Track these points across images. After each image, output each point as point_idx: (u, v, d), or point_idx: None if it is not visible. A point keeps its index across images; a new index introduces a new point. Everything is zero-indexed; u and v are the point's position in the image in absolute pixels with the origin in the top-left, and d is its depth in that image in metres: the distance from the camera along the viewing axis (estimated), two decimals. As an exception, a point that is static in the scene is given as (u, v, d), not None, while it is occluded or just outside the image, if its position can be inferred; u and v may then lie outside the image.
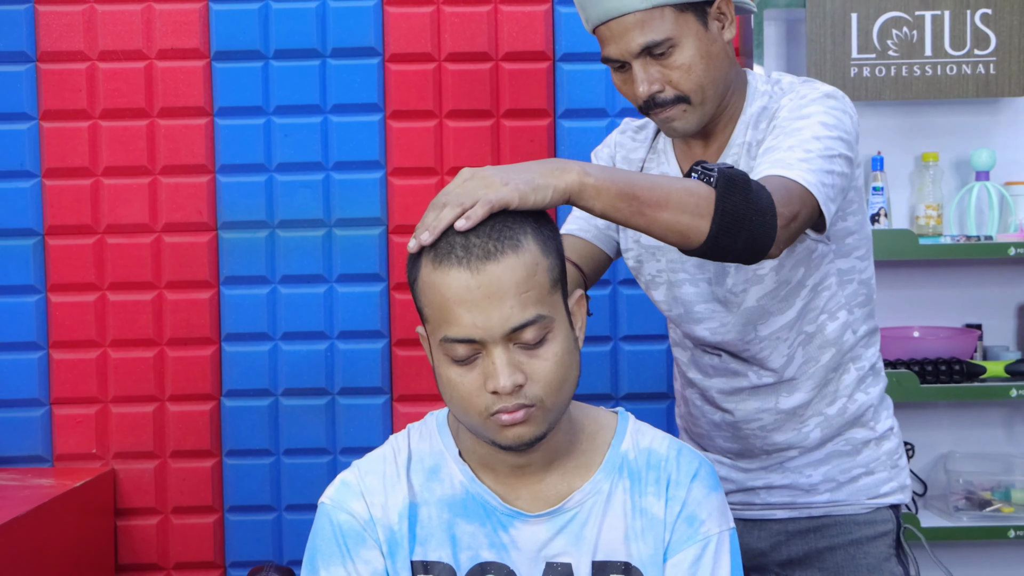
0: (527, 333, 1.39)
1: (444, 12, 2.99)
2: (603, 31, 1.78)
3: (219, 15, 2.98)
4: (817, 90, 1.80)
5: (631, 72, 1.79)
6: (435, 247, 1.39)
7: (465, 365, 1.40)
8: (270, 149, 3.00)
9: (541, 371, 1.40)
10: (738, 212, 1.51)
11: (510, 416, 1.39)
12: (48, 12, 2.96)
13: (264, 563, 2.91)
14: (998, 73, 2.91)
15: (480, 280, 1.36)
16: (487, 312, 1.37)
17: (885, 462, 1.95)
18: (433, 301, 1.40)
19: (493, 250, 1.37)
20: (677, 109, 1.78)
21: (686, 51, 1.75)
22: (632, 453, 1.53)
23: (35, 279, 2.99)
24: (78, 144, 2.98)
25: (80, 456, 3.01)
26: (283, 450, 3.02)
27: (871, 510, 1.93)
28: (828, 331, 1.90)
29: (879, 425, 1.96)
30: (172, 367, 3.01)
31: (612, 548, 1.49)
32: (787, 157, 1.67)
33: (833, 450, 1.93)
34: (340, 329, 3.02)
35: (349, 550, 1.50)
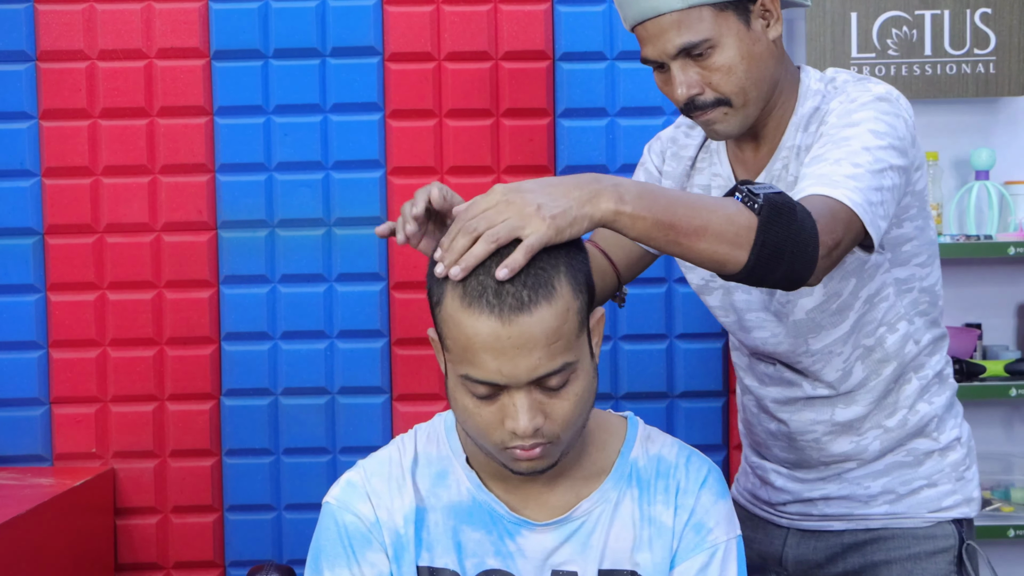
0: (552, 380, 1.37)
1: (444, 11, 3.00)
2: (640, 31, 1.72)
3: (219, 14, 2.99)
4: (869, 92, 1.71)
5: (670, 73, 1.72)
6: (464, 283, 1.35)
7: (484, 399, 1.39)
8: (270, 148, 3.01)
9: (561, 411, 1.39)
10: (779, 244, 1.45)
11: (526, 453, 1.39)
12: (48, 11, 2.97)
13: (264, 562, 2.90)
14: (998, 72, 2.93)
15: (511, 331, 1.33)
16: (514, 361, 1.34)
17: (950, 474, 1.86)
18: (458, 339, 1.37)
19: (527, 300, 1.34)
20: (718, 112, 1.72)
21: (726, 52, 1.68)
22: (642, 461, 1.52)
23: (35, 278, 3.00)
24: (78, 143, 2.99)
25: (80, 455, 3.02)
26: (283, 449, 3.03)
27: (932, 524, 1.85)
28: (888, 344, 1.82)
29: (943, 436, 1.87)
30: (172, 366, 3.02)
31: (619, 556, 1.49)
32: (834, 172, 1.58)
33: (893, 461, 1.86)
34: (340, 328, 3.03)
35: (355, 552, 1.49)
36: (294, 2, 2.99)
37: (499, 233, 1.34)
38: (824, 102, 1.76)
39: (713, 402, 3.05)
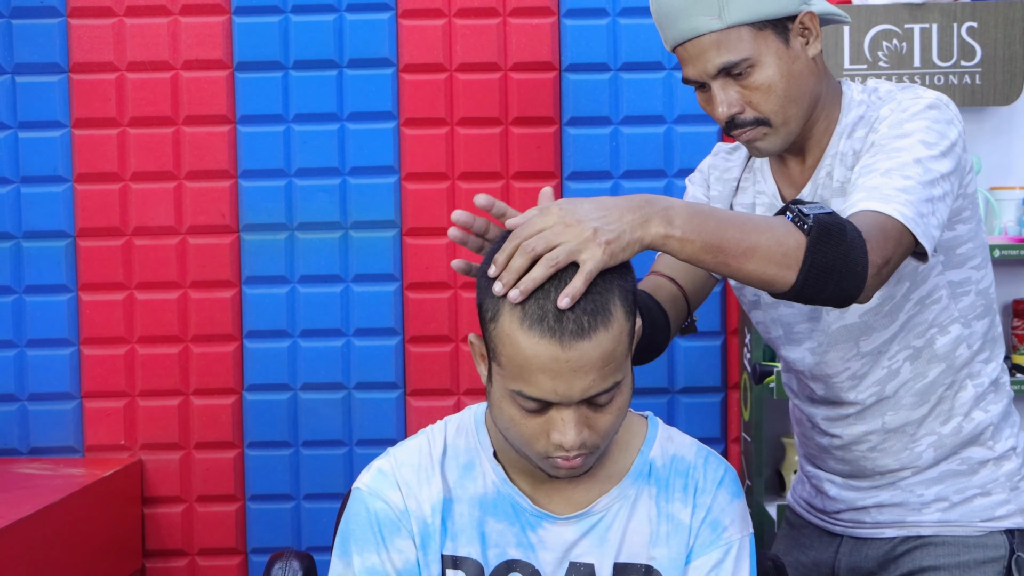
0: (602, 398, 1.37)
1: (455, 25, 3.07)
2: (681, 52, 1.68)
3: (241, 28, 3.05)
4: (919, 100, 1.65)
5: (711, 92, 1.68)
6: (524, 306, 1.34)
7: (531, 412, 1.38)
8: (289, 155, 3.08)
9: (604, 424, 1.39)
10: (828, 264, 1.43)
11: (568, 463, 1.39)
12: (80, 25, 3.04)
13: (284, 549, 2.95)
14: (984, 83, 2.95)
15: (569, 355, 1.32)
16: (570, 383, 1.33)
17: (1004, 484, 1.79)
18: (513, 358, 1.35)
19: (587, 327, 1.33)
20: (758, 131, 1.68)
21: (766, 71, 1.64)
22: (660, 460, 1.53)
23: (67, 279, 3.07)
24: (108, 150, 3.05)
25: (109, 447, 3.08)
26: (302, 442, 3.10)
27: (984, 533, 1.78)
28: (938, 345, 1.76)
29: (999, 444, 1.80)
30: (196, 362, 3.08)
31: (635, 551, 1.50)
32: (884, 185, 1.55)
33: (948, 469, 1.79)
34: (356, 327, 3.09)
35: (384, 538, 1.48)
36: (313, 16, 3.05)
37: (558, 257, 1.33)
38: (869, 110, 1.72)
39: (712, 397, 3.11)
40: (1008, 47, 2.95)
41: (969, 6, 2.96)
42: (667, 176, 3.09)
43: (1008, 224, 3.05)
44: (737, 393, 3.11)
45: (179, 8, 3.05)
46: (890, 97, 1.70)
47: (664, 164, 3.09)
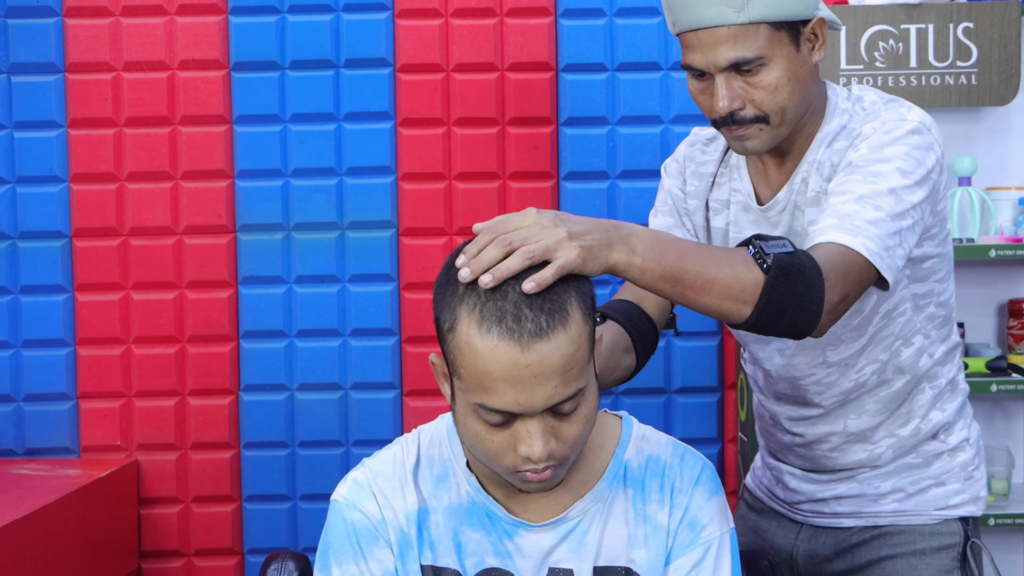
0: (565, 406, 1.35)
1: (452, 25, 3.07)
2: (690, 38, 1.66)
3: (238, 28, 3.05)
4: (903, 123, 1.66)
5: (711, 83, 1.67)
6: (482, 307, 1.32)
7: (496, 426, 1.36)
8: (286, 155, 3.08)
9: (571, 433, 1.38)
10: (783, 304, 1.47)
11: (537, 476, 1.38)
12: (76, 25, 3.04)
13: (280, 550, 2.96)
14: (979, 84, 2.97)
15: (529, 359, 1.30)
16: (531, 391, 1.32)
17: (958, 474, 1.85)
18: (473, 367, 1.33)
19: (545, 327, 1.31)
20: (754, 128, 1.68)
21: (774, 71, 1.64)
22: (635, 461, 1.52)
23: (63, 279, 3.06)
24: (104, 150, 3.05)
25: (105, 448, 3.08)
26: (298, 442, 3.10)
27: (938, 521, 1.83)
28: (903, 357, 1.80)
29: (952, 437, 1.85)
30: (192, 363, 3.08)
31: (614, 554, 1.49)
32: (856, 215, 1.57)
33: (904, 462, 1.85)
34: (352, 327, 3.09)
35: (362, 548, 1.48)
36: (309, 16, 3.06)
37: (534, 251, 1.32)
38: (852, 120, 1.73)
39: (708, 397, 3.12)
40: (1004, 47, 2.97)
41: (965, 7, 2.97)
42: (664, 176, 3.10)
43: (1004, 224, 3.07)
44: (733, 393, 3.12)
45: (175, 8, 3.05)
46: (874, 112, 1.71)
47: (661, 164, 3.08)
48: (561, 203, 3.09)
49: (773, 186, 1.80)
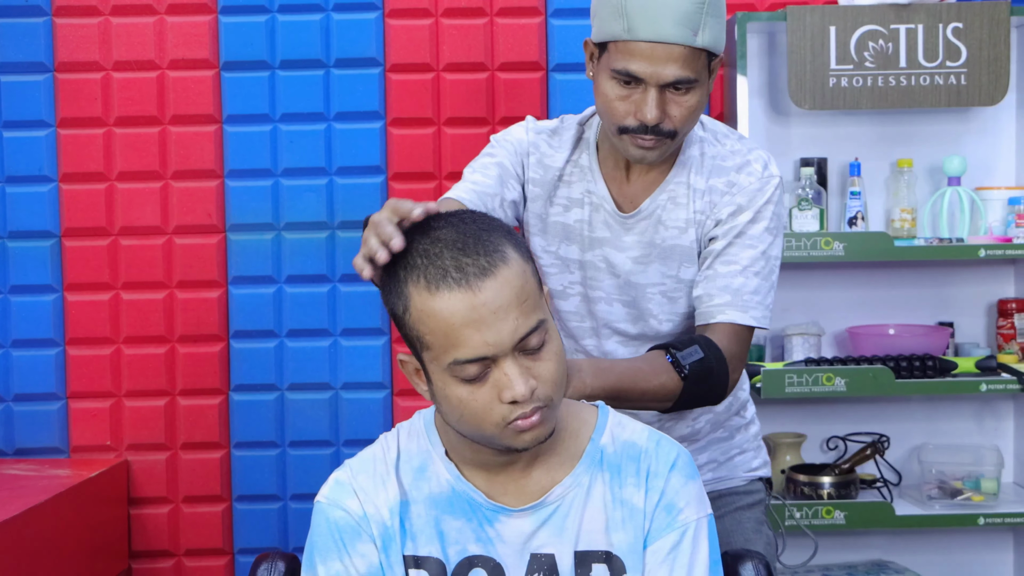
0: (532, 339, 1.40)
1: (443, 24, 3.08)
2: (642, 47, 1.77)
3: (228, 27, 3.06)
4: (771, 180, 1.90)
5: (637, 92, 1.80)
6: (425, 273, 1.39)
7: (475, 383, 1.40)
8: (276, 155, 3.09)
9: (547, 371, 1.42)
10: (698, 396, 1.82)
11: (528, 421, 1.40)
12: (65, 25, 3.04)
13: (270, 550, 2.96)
14: (969, 84, 2.98)
15: (483, 297, 1.37)
16: (495, 328, 1.37)
17: (752, 442, 2.13)
18: (436, 328, 1.39)
19: (487, 266, 1.38)
20: (660, 141, 1.82)
21: (696, 95, 1.81)
22: (611, 447, 1.54)
23: (52, 279, 3.07)
24: (93, 150, 3.05)
25: (95, 448, 3.08)
26: (288, 442, 3.11)
27: (747, 482, 2.10)
28: None
29: (747, 412, 2.12)
30: (183, 363, 3.09)
31: (593, 538, 1.51)
32: (743, 288, 1.86)
33: (714, 437, 2.07)
34: (343, 327, 3.10)
35: (345, 545, 1.50)
36: (299, 16, 3.06)
37: None
38: (707, 147, 1.93)
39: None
40: (993, 47, 2.97)
41: (955, 7, 2.97)
42: (654, 176, 3.11)
43: (993, 224, 3.07)
44: (724, 393, 3.12)
45: (165, 7, 3.06)
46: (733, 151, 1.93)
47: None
48: (551, 203, 3.09)
49: (631, 196, 1.95)
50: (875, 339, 3.10)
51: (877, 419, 3.20)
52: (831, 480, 2.99)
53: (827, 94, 2.99)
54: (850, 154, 3.15)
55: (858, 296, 3.19)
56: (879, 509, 2.95)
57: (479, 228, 1.42)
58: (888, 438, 3.11)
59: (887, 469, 3.16)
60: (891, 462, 3.17)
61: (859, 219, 3.07)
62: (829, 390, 2.91)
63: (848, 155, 3.15)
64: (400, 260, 1.43)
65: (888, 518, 2.95)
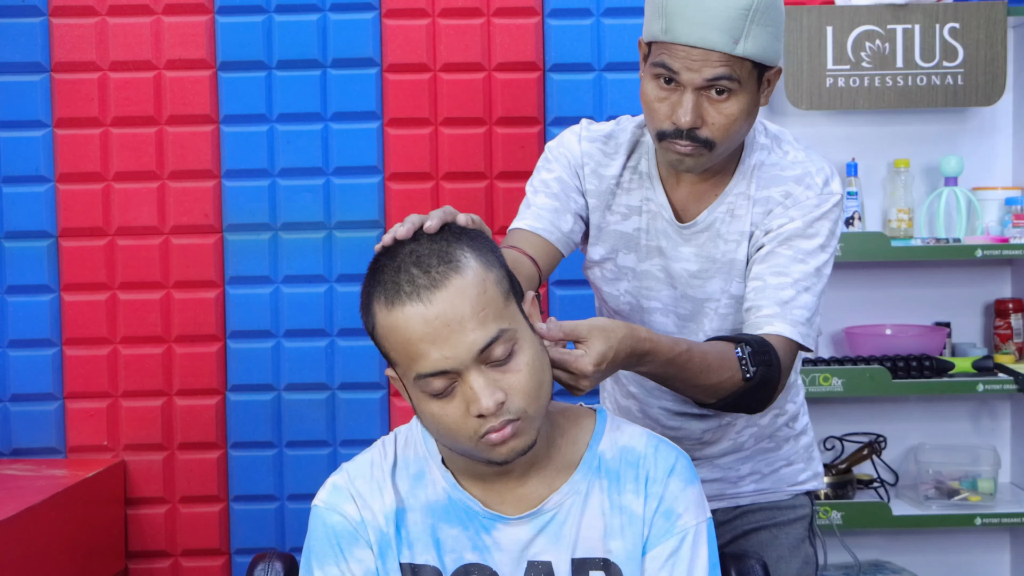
0: (495, 350, 1.38)
1: (439, 24, 3.08)
2: (679, 50, 1.71)
3: (224, 27, 3.06)
4: (830, 197, 1.82)
5: (676, 94, 1.73)
6: (384, 290, 1.39)
7: (444, 397, 1.39)
8: (273, 155, 3.08)
9: (517, 383, 1.40)
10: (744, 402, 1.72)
11: (499, 434, 1.39)
12: (62, 25, 3.04)
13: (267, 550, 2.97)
14: (966, 84, 2.98)
15: (436, 310, 1.36)
16: (451, 341, 1.36)
17: (802, 454, 2.05)
18: (397, 344, 1.39)
19: (438, 277, 1.37)
20: (697, 149, 1.75)
21: (739, 103, 1.72)
22: (609, 453, 1.54)
23: (49, 279, 3.07)
24: (90, 150, 3.05)
25: (92, 448, 3.08)
26: (285, 442, 3.11)
27: (791, 496, 2.04)
28: None
29: (797, 424, 2.04)
30: (180, 363, 3.09)
31: (591, 546, 1.50)
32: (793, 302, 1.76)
33: (760, 447, 2.01)
34: (340, 327, 3.10)
35: (343, 550, 1.50)
36: (296, 16, 3.06)
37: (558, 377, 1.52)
38: (769, 156, 1.86)
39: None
40: (990, 48, 2.98)
41: (951, 7, 2.98)
42: (651, 176, 3.11)
43: (990, 224, 3.08)
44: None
45: (162, 7, 3.05)
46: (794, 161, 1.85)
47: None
48: (548, 203, 3.09)
49: (690, 205, 1.88)
50: (872, 339, 3.10)
51: (874, 419, 3.20)
52: (828, 480, 2.99)
53: (824, 94, 3.00)
54: (847, 154, 3.15)
55: (855, 296, 3.19)
56: (876, 509, 2.96)
57: (441, 239, 1.41)
58: (885, 438, 3.11)
59: (884, 469, 3.16)
60: (888, 462, 3.18)
61: (856, 219, 3.07)
62: (826, 390, 2.91)
63: (845, 155, 3.14)
64: (369, 278, 1.44)
65: (885, 518, 2.95)
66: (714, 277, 1.87)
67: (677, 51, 1.71)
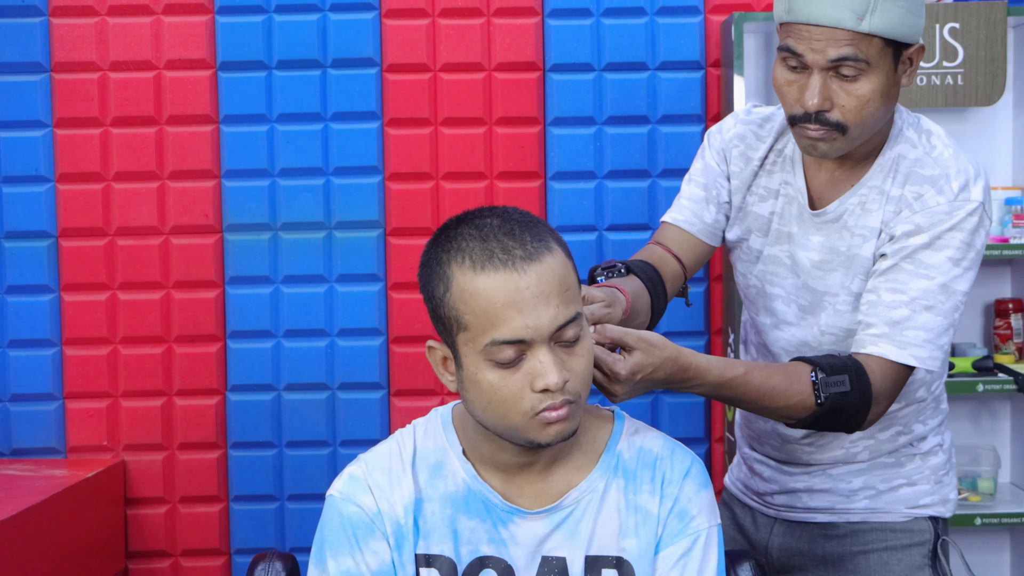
0: (569, 331, 1.42)
1: (440, 24, 3.08)
2: (801, 30, 1.67)
3: (224, 27, 3.06)
4: (965, 204, 1.71)
5: (804, 77, 1.69)
6: (471, 254, 1.42)
7: (509, 368, 1.42)
8: (273, 155, 3.08)
9: (579, 367, 1.44)
10: (825, 424, 1.71)
11: (556, 413, 1.41)
12: (62, 25, 3.04)
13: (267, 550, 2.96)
14: (965, 84, 2.98)
15: (528, 280, 1.40)
16: (537, 312, 1.40)
17: (929, 476, 1.90)
18: (477, 307, 1.41)
19: (533, 251, 1.42)
20: (829, 133, 1.69)
21: (871, 83, 1.66)
22: (627, 453, 1.55)
23: (49, 279, 3.07)
24: (90, 150, 3.05)
25: (92, 448, 3.08)
26: (285, 442, 3.11)
27: (909, 519, 1.89)
28: None
29: (925, 443, 1.91)
30: (179, 363, 3.09)
31: (605, 543, 1.52)
32: (907, 322, 1.69)
33: (877, 461, 1.90)
34: (340, 327, 3.10)
35: (358, 541, 1.50)
36: (296, 16, 3.06)
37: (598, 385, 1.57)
38: (914, 153, 1.77)
39: (696, 397, 3.11)
40: (990, 48, 2.97)
41: (951, 7, 2.98)
42: (651, 176, 3.11)
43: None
44: (721, 393, 3.12)
45: (162, 8, 3.05)
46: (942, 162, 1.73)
47: (648, 164, 3.11)
48: (548, 203, 3.10)
49: (825, 193, 1.83)
50: (872, 339, 3.09)
51: (874, 419, 3.20)
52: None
53: (824, 94, 2.99)
54: (847, 154, 3.14)
55: (855, 296, 3.19)
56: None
57: (525, 219, 1.46)
58: (885, 438, 3.11)
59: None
60: (888, 462, 3.17)
61: (856, 219, 3.06)
62: (826, 390, 2.90)
63: (845, 155, 3.14)
64: (444, 244, 1.46)
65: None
66: (836, 270, 1.81)
67: (800, 31, 1.66)
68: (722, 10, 3.10)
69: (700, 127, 3.10)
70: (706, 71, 3.11)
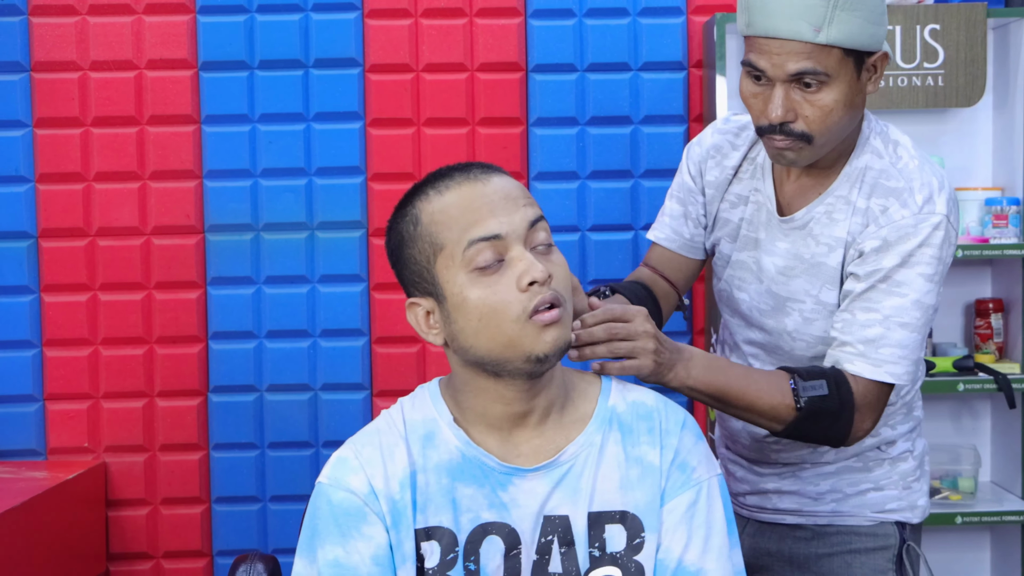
0: (540, 232, 1.48)
1: (422, 25, 3.08)
2: (761, 43, 1.69)
3: (206, 27, 3.05)
4: (930, 217, 1.72)
5: (768, 89, 1.71)
6: (431, 186, 1.50)
7: (492, 274, 1.44)
8: (255, 155, 3.08)
9: (556, 271, 1.47)
10: (811, 432, 1.73)
11: (549, 314, 1.44)
12: (42, 24, 3.03)
13: (249, 552, 2.96)
14: (946, 85, 3.00)
15: (490, 188, 1.47)
16: (507, 210, 1.46)
17: (897, 482, 1.91)
18: (449, 219, 1.46)
19: (489, 167, 1.50)
20: (795, 143, 1.72)
21: (833, 93, 1.68)
22: (621, 406, 1.55)
23: (29, 280, 3.05)
24: (71, 150, 3.04)
25: (73, 450, 3.07)
26: (268, 443, 3.10)
27: (874, 523, 1.90)
28: None
29: (894, 449, 1.92)
30: (161, 364, 3.08)
31: (607, 498, 1.51)
32: (881, 340, 1.71)
33: (844, 465, 1.91)
34: (322, 327, 3.10)
35: (349, 529, 1.47)
36: (278, 16, 3.06)
37: (621, 348, 1.60)
38: (881, 163, 1.78)
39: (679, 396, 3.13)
40: (970, 49, 2.99)
41: (932, 8, 2.99)
42: (633, 177, 3.12)
43: (970, 225, 3.09)
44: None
45: (143, 7, 3.04)
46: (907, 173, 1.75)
47: (630, 165, 3.12)
48: (531, 203, 3.10)
49: (794, 200, 1.85)
50: (853, 339, 3.10)
51: (855, 419, 3.21)
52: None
53: (806, 95, 3.00)
54: (828, 155, 3.15)
55: (836, 296, 3.20)
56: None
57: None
58: (866, 438, 3.12)
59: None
60: (869, 462, 3.18)
61: (838, 220, 3.07)
62: (808, 390, 2.91)
63: (826, 156, 3.15)
64: (405, 203, 1.54)
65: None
66: (799, 276, 1.82)
67: (761, 44, 1.69)
68: (704, 11, 3.11)
69: (683, 128, 3.11)
70: (688, 72, 3.12)
